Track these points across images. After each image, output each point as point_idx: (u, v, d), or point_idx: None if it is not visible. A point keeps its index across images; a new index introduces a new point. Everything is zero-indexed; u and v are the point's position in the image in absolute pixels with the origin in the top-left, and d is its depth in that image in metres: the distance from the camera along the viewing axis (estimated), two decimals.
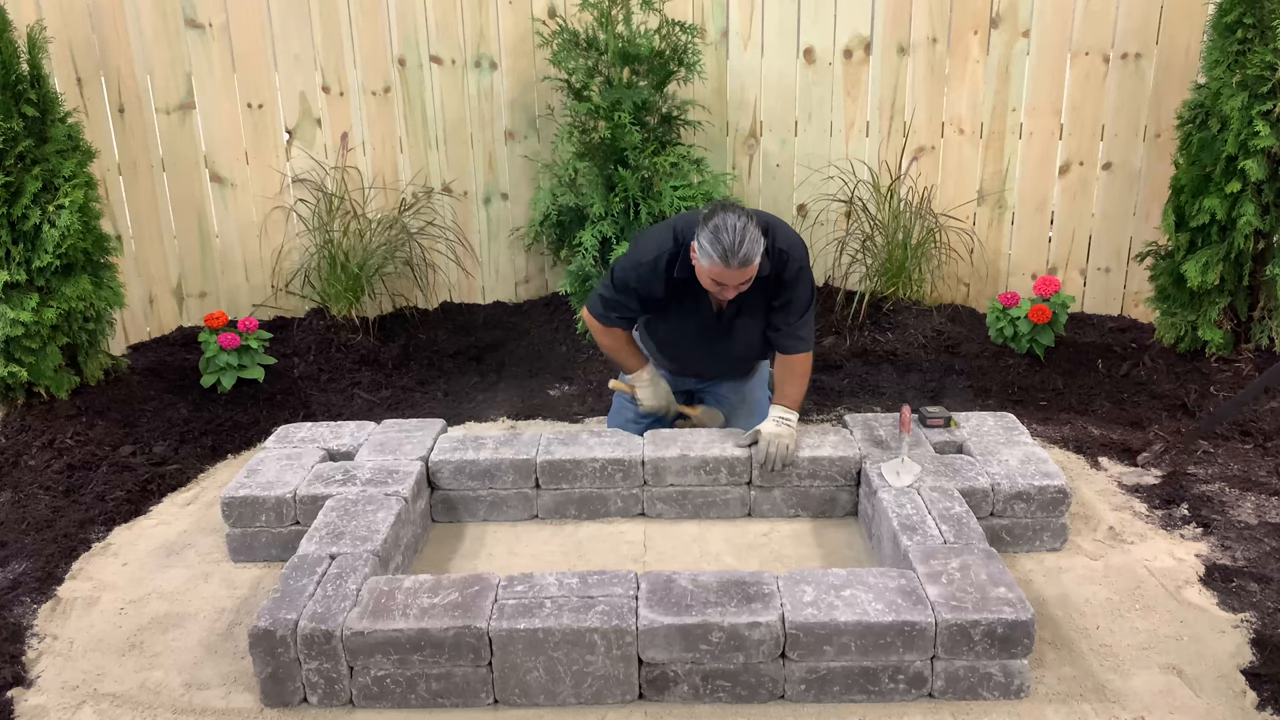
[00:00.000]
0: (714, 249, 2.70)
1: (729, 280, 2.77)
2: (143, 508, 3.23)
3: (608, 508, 3.08)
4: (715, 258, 2.71)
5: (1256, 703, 2.24)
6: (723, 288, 2.80)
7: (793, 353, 3.03)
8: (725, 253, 2.69)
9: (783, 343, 3.04)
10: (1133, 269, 4.37)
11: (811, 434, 3.14)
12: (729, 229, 2.69)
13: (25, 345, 3.45)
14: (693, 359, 3.22)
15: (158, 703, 2.32)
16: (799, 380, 3.05)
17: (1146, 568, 2.76)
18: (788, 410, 3.03)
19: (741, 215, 2.74)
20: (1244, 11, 3.53)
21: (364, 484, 2.90)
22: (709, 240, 2.71)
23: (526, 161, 4.59)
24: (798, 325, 3.00)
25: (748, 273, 2.77)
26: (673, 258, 2.93)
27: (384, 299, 4.54)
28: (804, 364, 3.05)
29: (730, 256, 2.69)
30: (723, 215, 2.72)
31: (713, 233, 2.71)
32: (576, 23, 4.26)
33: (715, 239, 2.70)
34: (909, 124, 4.45)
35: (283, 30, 4.28)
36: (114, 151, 4.13)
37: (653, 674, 2.27)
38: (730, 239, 2.69)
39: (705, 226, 2.74)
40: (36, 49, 3.43)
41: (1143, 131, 4.24)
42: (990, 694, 2.27)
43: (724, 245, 2.69)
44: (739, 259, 2.70)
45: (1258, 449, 3.37)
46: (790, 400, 3.04)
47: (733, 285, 2.79)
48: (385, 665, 2.26)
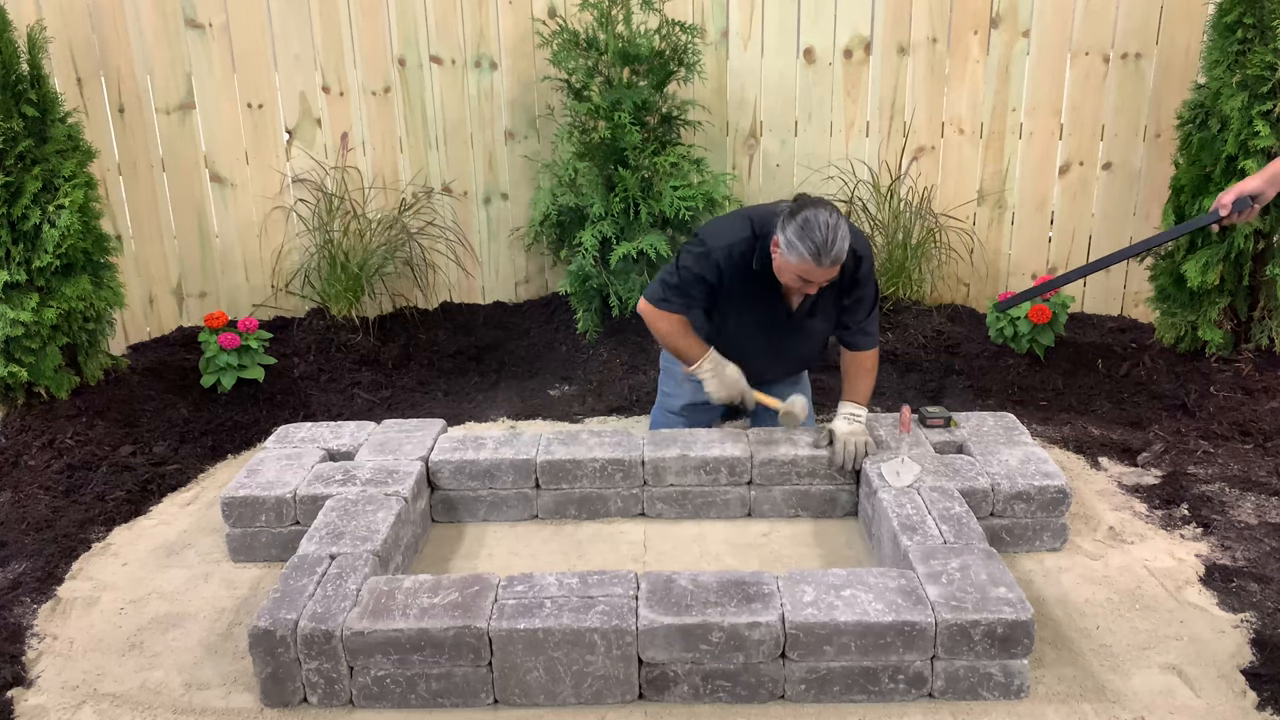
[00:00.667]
0: (804, 245, 2.66)
1: (817, 278, 2.75)
2: (143, 508, 3.23)
3: (608, 508, 3.08)
4: (806, 254, 2.67)
5: (1256, 703, 2.24)
6: (807, 284, 2.78)
7: (863, 349, 3.04)
8: (818, 250, 2.65)
9: (852, 340, 3.04)
10: (1133, 269, 4.37)
11: (811, 434, 3.14)
12: (820, 225, 2.65)
13: (25, 345, 3.45)
14: (755, 358, 3.14)
15: (158, 703, 2.32)
16: (868, 376, 3.06)
17: (1146, 568, 2.76)
18: (858, 407, 3.04)
19: (832, 211, 2.70)
20: (1244, 11, 3.53)
21: (364, 484, 2.90)
22: (797, 235, 2.67)
23: (526, 161, 4.59)
24: (866, 322, 3.01)
25: (835, 271, 2.75)
26: (749, 249, 2.88)
27: (384, 299, 4.54)
28: (873, 360, 3.07)
29: (823, 254, 2.66)
30: (813, 211, 2.68)
31: (802, 228, 2.66)
32: (576, 23, 4.26)
33: (805, 235, 2.66)
34: (909, 124, 4.45)
35: (283, 30, 4.28)
36: (114, 151, 4.14)
37: (653, 674, 2.27)
38: (822, 236, 2.65)
39: (793, 221, 2.68)
40: (36, 49, 3.43)
41: (1143, 131, 4.24)
42: (990, 694, 2.27)
43: (815, 242, 2.65)
44: (831, 256, 2.67)
45: (1258, 449, 3.37)
46: (861, 397, 3.05)
47: (819, 282, 2.77)
48: (385, 665, 2.26)
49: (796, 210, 2.71)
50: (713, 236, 2.94)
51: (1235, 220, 2.84)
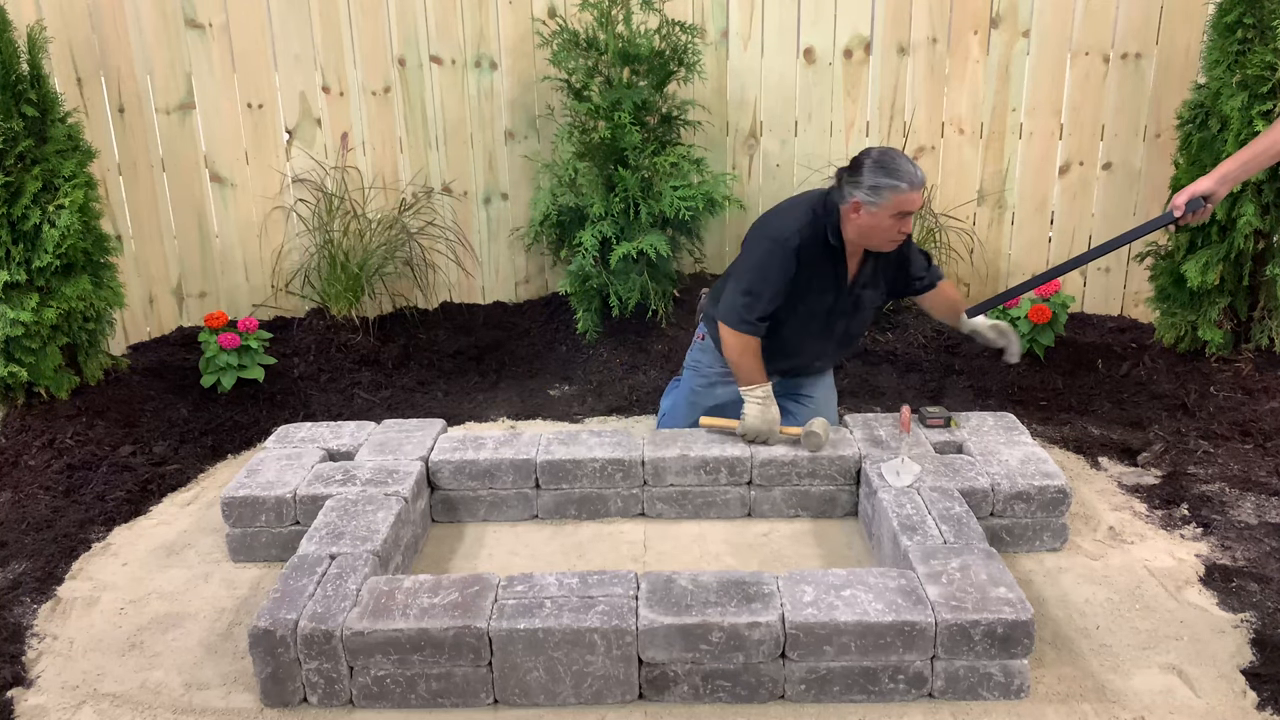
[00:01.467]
0: (899, 177, 2.76)
1: (916, 205, 2.83)
2: (143, 508, 3.23)
3: (608, 508, 3.08)
4: (903, 184, 2.77)
5: (1256, 703, 2.24)
6: (904, 221, 2.85)
7: (935, 285, 3.22)
8: (910, 176, 2.77)
9: (928, 280, 3.20)
10: (1133, 269, 4.37)
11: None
12: (896, 155, 2.79)
13: (25, 345, 3.45)
14: (810, 341, 3.18)
15: (158, 703, 2.32)
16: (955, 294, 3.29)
17: (1146, 568, 2.76)
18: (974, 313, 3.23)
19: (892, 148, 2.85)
20: (1244, 11, 3.53)
21: (364, 484, 2.90)
22: (886, 174, 2.77)
23: (526, 161, 4.59)
24: (917, 266, 3.18)
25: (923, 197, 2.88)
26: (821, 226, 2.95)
27: (384, 299, 4.54)
28: (950, 288, 3.28)
29: (915, 178, 2.77)
30: (879, 152, 2.81)
31: (882, 169, 2.78)
32: (576, 23, 4.26)
33: (893, 169, 2.77)
34: (909, 124, 4.45)
35: (283, 30, 4.28)
36: (114, 151, 4.14)
37: (653, 674, 2.27)
38: (906, 164, 2.78)
39: (865, 169, 2.80)
40: (36, 49, 3.43)
41: (1143, 131, 4.24)
42: (990, 694, 2.27)
43: (906, 170, 2.77)
44: (920, 176, 2.79)
45: (1258, 449, 3.37)
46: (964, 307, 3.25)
47: (916, 210, 2.86)
48: (385, 665, 2.26)
49: (862, 161, 2.83)
50: (780, 229, 2.98)
51: (1190, 220, 2.91)
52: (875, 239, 2.91)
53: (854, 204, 2.85)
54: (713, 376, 3.34)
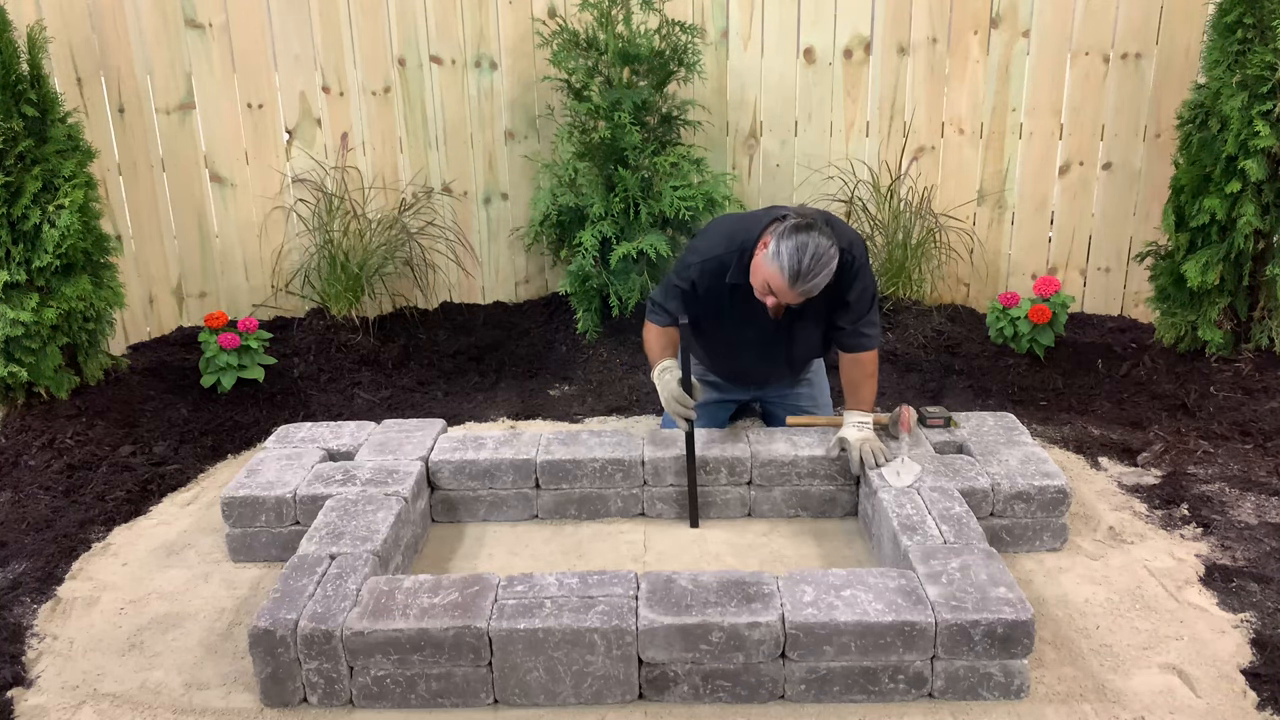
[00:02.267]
0: (787, 262, 2.61)
1: (781, 296, 2.69)
2: (143, 508, 3.23)
3: (608, 508, 3.08)
4: (784, 271, 2.62)
5: (1256, 703, 2.24)
6: (770, 297, 2.73)
7: (859, 350, 2.96)
8: (795, 274, 2.61)
9: (847, 342, 2.96)
10: (1133, 269, 4.37)
11: (811, 434, 3.14)
12: (812, 254, 2.60)
13: (25, 345, 3.45)
14: (748, 367, 3.15)
15: (158, 703, 2.32)
16: (870, 381, 2.99)
17: (1146, 568, 2.76)
18: (863, 414, 3.00)
19: (826, 243, 2.63)
20: (1244, 11, 3.53)
21: (364, 484, 2.90)
22: (787, 251, 2.61)
23: (526, 161, 4.59)
24: (861, 323, 2.92)
25: (799, 299, 2.70)
26: (725, 263, 2.84)
27: (384, 299, 4.54)
28: (872, 362, 2.98)
29: (797, 280, 2.62)
30: (814, 236, 2.62)
31: (796, 248, 2.60)
32: (576, 23, 4.26)
33: (794, 254, 2.60)
34: (909, 124, 4.45)
35: (283, 30, 4.28)
36: (114, 151, 4.14)
37: (653, 674, 2.27)
38: (807, 265, 2.60)
39: (793, 236, 2.62)
40: (36, 49, 3.43)
41: (1143, 131, 4.24)
42: (990, 694, 2.27)
43: (797, 266, 2.60)
44: (803, 287, 2.64)
45: (1258, 449, 3.37)
46: (865, 404, 3.00)
47: (782, 301, 2.72)
48: (385, 665, 2.26)
49: (801, 227, 2.65)
50: (694, 251, 2.94)
51: None
52: (753, 281, 2.77)
53: (764, 240, 2.72)
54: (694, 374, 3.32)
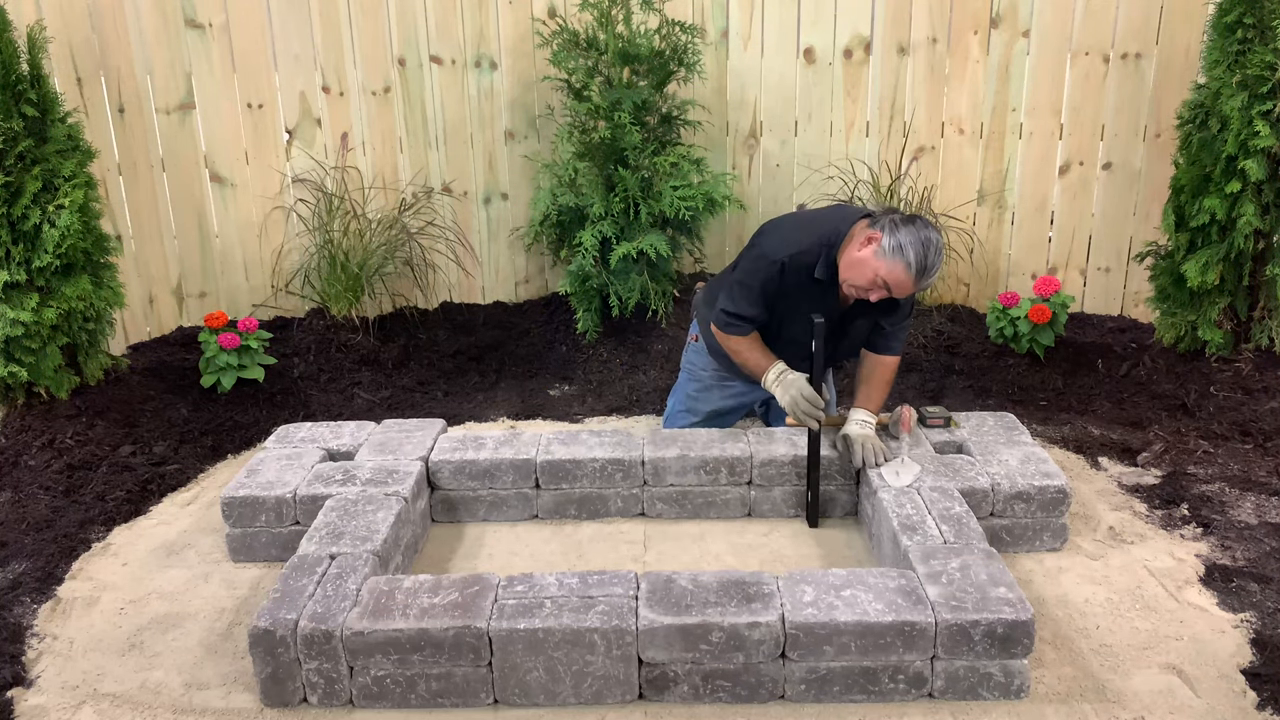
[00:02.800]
0: (916, 260, 2.71)
1: (899, 290, 2.78)
2: (143, 508, 3.23)
3: (608, 508, 3.08)
4: (912, 268, 2.72)
5: (1256, 703, 2.24)
6: (878, 289, 2.79)
7: (888, 354, 3.04)
8: (923, 268, 2.73)
9: (881, 343, 3.03)
10: (1133, 269, 4.37)
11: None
12: (935, 247, 2.74)
13: (25, 345, 3.45)
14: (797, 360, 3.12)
15: (158, 703, 2.32)
16: (885, 386, 3.07)
17: (1146, 568, 2.76)
18: (869, 414, 3.03)
19: (939, 235, 2.77)
20: (1244, 11, 3.53)
21: (364, 484, 2.90)
22: (912, 245, 2.71)
23: (526, 161, 4.59)
24: (899, 329, 3.03)
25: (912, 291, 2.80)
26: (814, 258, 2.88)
27: (384, 299, 4.54)
28: (893, 369, 3.07)
29: (923, 275, 2.75)
30: (929, 231, 2.75)
31: (921, 243, 2.71)
32: (576, 23, 4.26)
33: (920, 249, 2.71)
34: (909, 124, 4.45)
35: (283, 30, 4.28)
36: (114, 151, 4.13)
37: (653, 674, 2.27)
38: (932, 260, 2.73)
39: (909, 229, 2.73)
40: (36, 49, 3.43)
41: (1143, 131, 4.24)
42: (990, 694, 2.27)
43: (924, 262, 2.72)
44: (926, 280, 2.77)
45: (1258, 449, 3.37)
46: (874, 405, 3.05)
47: (896, 294, 2.80)
48: (385, 665, 2.26)
49: (910, 220, 2.76)
50: (776, 248, 2.92)
51: None
52: (849, 276, 2.82)
53: (871, 235, 2.78)
54: (707, 380, 3.35)
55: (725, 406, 3.35)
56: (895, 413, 3.10)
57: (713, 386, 3.33)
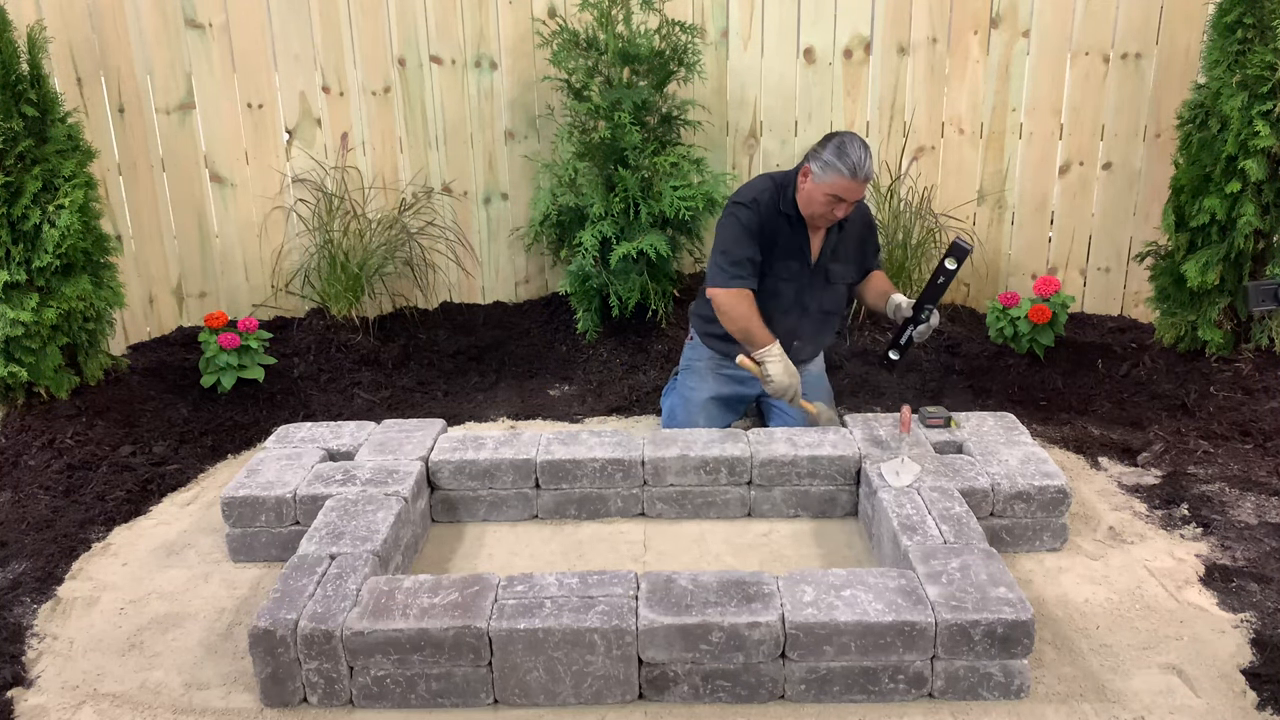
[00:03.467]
0: (842, 163, 2.98)
1: (849, 194, 3.04)
2: (143, 508, 3.23)
3: (608, 508, 3.08)
4: (844, 171, 2.99)
5: (1256, 703, 2.24)
6: (838, 203, 3.05)
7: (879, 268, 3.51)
8: (855, 166, 2.98)
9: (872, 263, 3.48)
10: (1133, 269, 4.37)
11: (811, 434, 3.14)
12: (855, 145, 2.99)
13: (25, 345, 3.45)
14: (786, 318, 3.33)
15: (158, 703, 2.32)
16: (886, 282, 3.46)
17: (1146, 568, 2.76)
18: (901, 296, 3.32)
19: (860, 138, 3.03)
20: (1244, 11, 3.53)
21: (364, 484, 2.90)
22: (835, 155, 2.99)
23: (526, 161, 4.59)
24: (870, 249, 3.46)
25: (864, 190, 3.06)
26: (775, 195, 3.19)
27: (384, 299, 4.54)
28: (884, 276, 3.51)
29: (858, 170, 2.98)
30: (846, 136, 3.03)
31: (839, 149, 3.00)
32: (576, 23, 4.26)
33: (842, 154, 2.98)
34: (909, 124, 4.45)
35: (283, 30, 4.28)
36: (114, 151, 4.13)
37: (653, 674, 2.27)
38: (858, 155, 2.98)
39: (828, 145, 3.03)
40: (36, 49, 3.43)
41: (1143, 131, 4.24)
42: (990, 694, 2.27)
43: (853, 159, 2.97)
44: (864, 173, 2.99)
45: (1258, 449, 3.37)
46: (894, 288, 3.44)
47: (849, 201, 3.06)
48: (385, 665, 2.26)
49: (830, 137, 3.05)
50: (739, 196, 3.23)
51: None
52: (811, 209, 3.13)
53: (804, 169, 3.10)
54: (701, 369, 3.47)
55: (722, 393, 3.43)
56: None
57: (706, 374, 3.45)
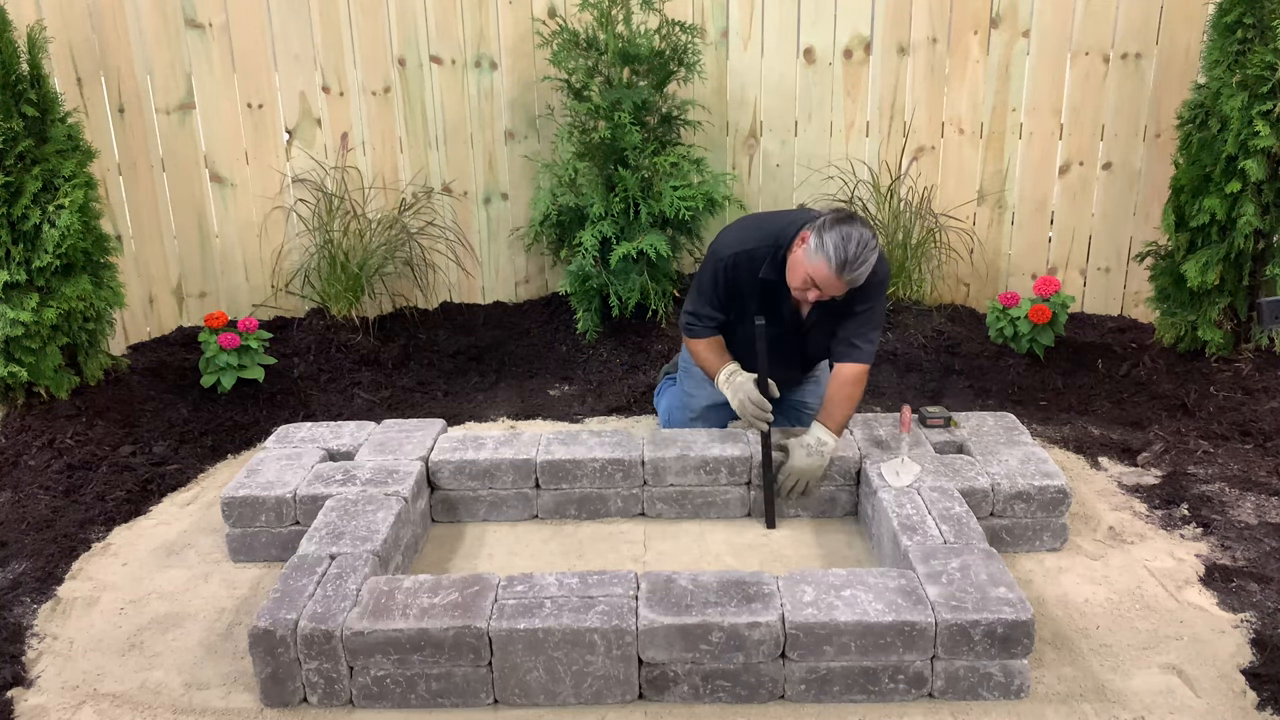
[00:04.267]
0: (835, 254, 2.68)
1: (826, 287, 2.76)
2: (143, 508, 3.23)
3: (608, 508, 3.08)
4: (832, 263, 2.69)
5: (1256, 703, 2.24)
6: (811, 289, 2.79)
7: (847, 361, 2.92)
8: (843, 262, 2.69)
9: (843, 350, 2.94)
10: (1133, 269, 4.37)
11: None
12: (858, 243, 2.69)
13: (25, 345, 3.45)
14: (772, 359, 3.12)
15: (158, 703, 2.32)
16: (848, 402, 2.94)
17: (1146, 568, 2.76)
18: (828, 434, 2.93)
19: (870, 233, 2.73)
20: (1244, 11, 3.53)
21: (364, 484, 2.90)
22: (832, 241, 2.68)
23: (526, 161, 4.59)
24: (860, 337, 2.92)
25: (843, 289, 2.78)
26: (762, 257, 2.89)
27: (384, 299, 4.54)
28: (859, 380, 2.94)
29: (845, 269, 2.70)
30: (857, 228, 2.71)
31: (841, 238, 2.68)
32: (576, 23, 4.26)
33: (840, 244, 2.68)
34: (909, 124, 4.45)
35: (283, 30, 4.28)
36: (114, 151, 4.13)
37: (653, 674, 2.27)
38: (854, 254, 2.68)
39: (835, 228, 2.71)
40: (36, 49, 3.43)
41: (1143, 131, 4.24)
42: (990, 694, 2.27)
43: (846, 255, 2.68)
44: (850, 275, 2.71)
45: (1258, 449, 3.37)
46: (835, 423, 2.94)
47: (824, 292, 2.78)
48: (385, 665, 2.26)
49: (842, 219, 2.74)
50: (723, 246, 2.97)
51: None
52: (792, 281, 2.84)
53: (803, 235, 2.81)
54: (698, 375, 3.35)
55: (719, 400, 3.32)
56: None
57: (705, 381, 3.33)
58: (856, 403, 2.98)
